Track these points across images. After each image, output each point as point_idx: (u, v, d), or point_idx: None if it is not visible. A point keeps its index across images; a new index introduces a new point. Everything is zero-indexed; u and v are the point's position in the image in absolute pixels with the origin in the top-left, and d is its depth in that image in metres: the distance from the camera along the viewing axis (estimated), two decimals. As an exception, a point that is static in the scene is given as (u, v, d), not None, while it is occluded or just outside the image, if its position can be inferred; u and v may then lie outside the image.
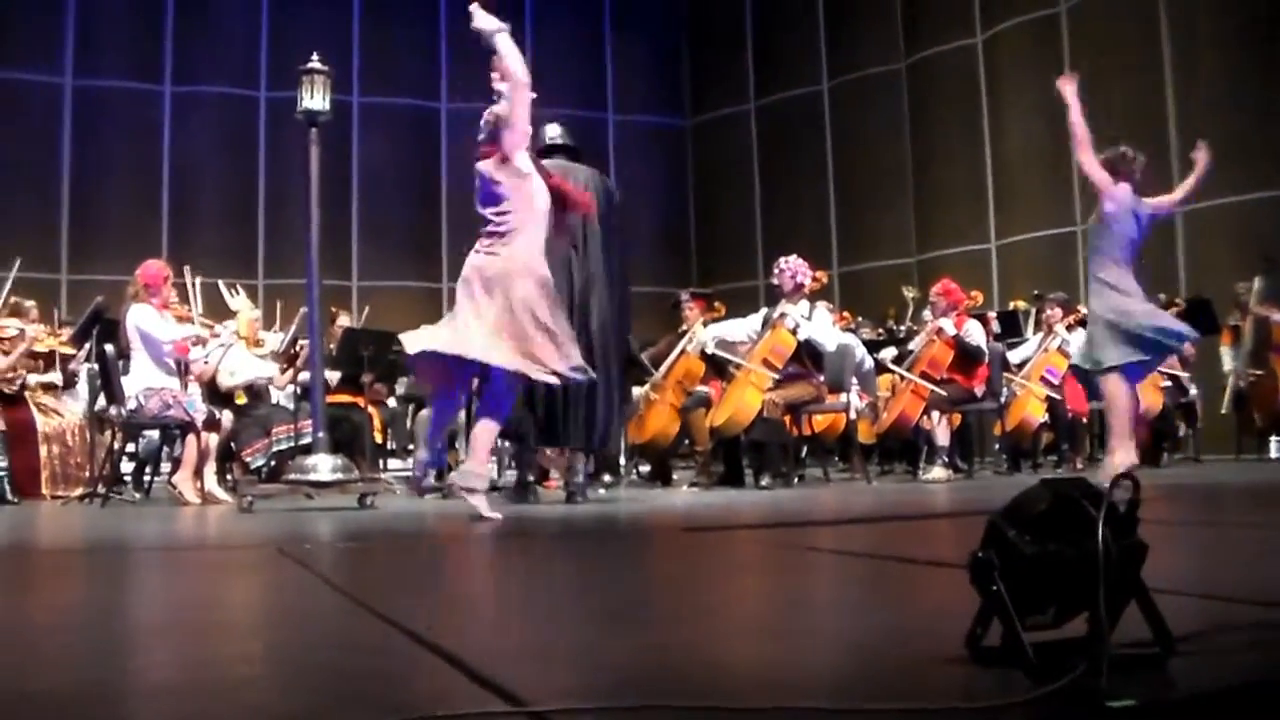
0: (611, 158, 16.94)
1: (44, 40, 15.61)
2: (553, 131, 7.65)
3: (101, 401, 8.83)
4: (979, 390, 9.80)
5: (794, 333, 8.87)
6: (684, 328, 9.89)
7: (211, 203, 15.71)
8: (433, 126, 16.73)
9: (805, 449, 10.20)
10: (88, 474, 8.78)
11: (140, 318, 8.11)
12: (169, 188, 15.72)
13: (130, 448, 9.22)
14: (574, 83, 16.40)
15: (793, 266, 9.17)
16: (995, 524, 1.67)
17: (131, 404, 8.02)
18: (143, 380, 8.05)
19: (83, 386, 9.64)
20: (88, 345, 9.07)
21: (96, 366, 8.61)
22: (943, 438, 9.70)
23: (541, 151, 7.49)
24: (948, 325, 9.70)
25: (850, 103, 16.52)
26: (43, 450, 8.77)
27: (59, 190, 15.34)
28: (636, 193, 7.48)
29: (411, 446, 10.40)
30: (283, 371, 9.43)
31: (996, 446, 11.39)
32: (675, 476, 9.93)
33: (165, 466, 9.43)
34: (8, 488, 8.33)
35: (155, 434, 8.96)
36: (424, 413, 9.78)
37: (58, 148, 15.42)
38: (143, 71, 15.85)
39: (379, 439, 10.21)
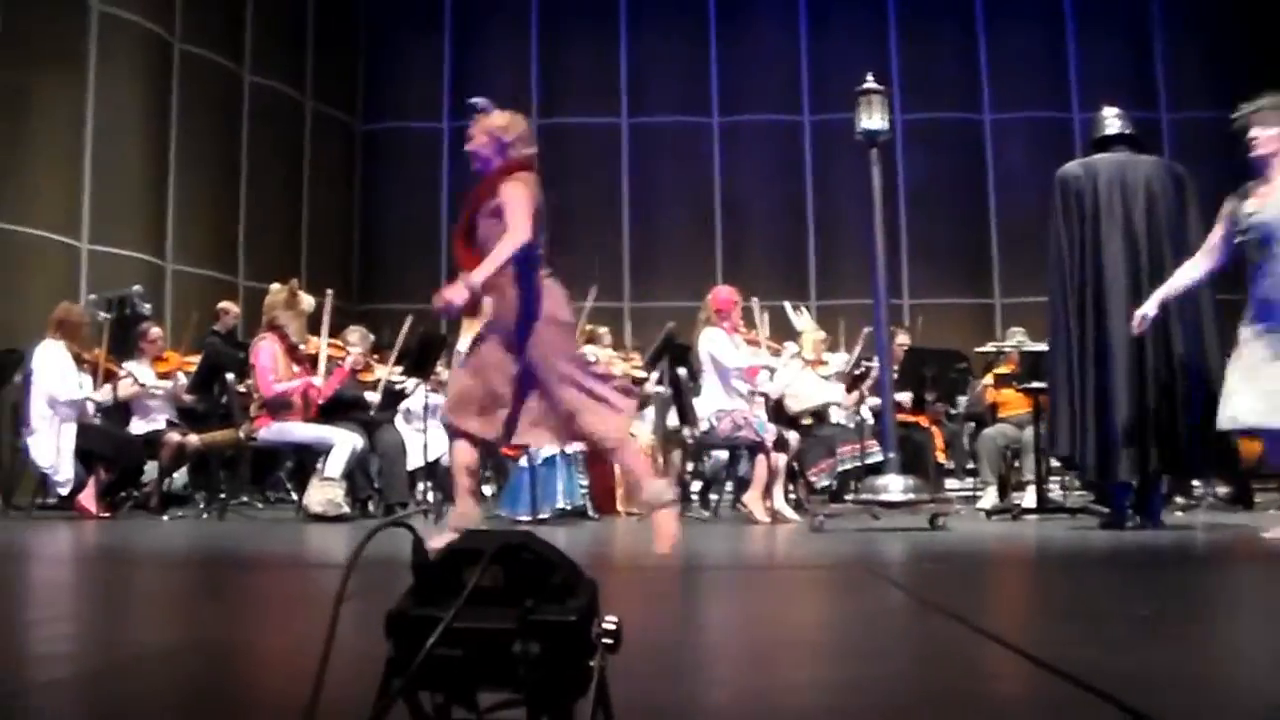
0: (1166, 158, 16.04)
1: (602, 86, 16.58)
2: (1110, 120, 7.13)
3: (672, 421, 9.15)
4: None
5: None
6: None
7: (762, 228, 16.08)
8: (976, 139, 16.43)
9: None
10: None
11: (711, 342, 8.37)
12: (721, 215, 16.25)
13: (689, 466, 9.49)
14: (1122, 81, 15.61)
15: None
16: None
17: (704, 425, 8.28)
18: (714, 402, 8.29)
19: (648, 409, 10.03)
20: (660, 368, 9.42)
21: (669, 389, 8.91)
22: None
23: (1098, 143, 7.13)
24: None
25: None
26: (617, 469, 9.16)
27: (620, 223, 16.20)
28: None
29: (971, 466, 10.22)
30: (847, 392, 9.46)
31: None
32: (1258, 500, 9.23)
33: (727, 486, 9.68)
34: (588, 505, 8.76)
35: (722, 454, 9.19)
36: (986, 432, 9.59)
37: (618, 184, 16.30)
38: (691, 105, 16.51)
39: (940, 458, 10.08)
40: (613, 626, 1.27)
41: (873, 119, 7.37)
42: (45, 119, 12.13)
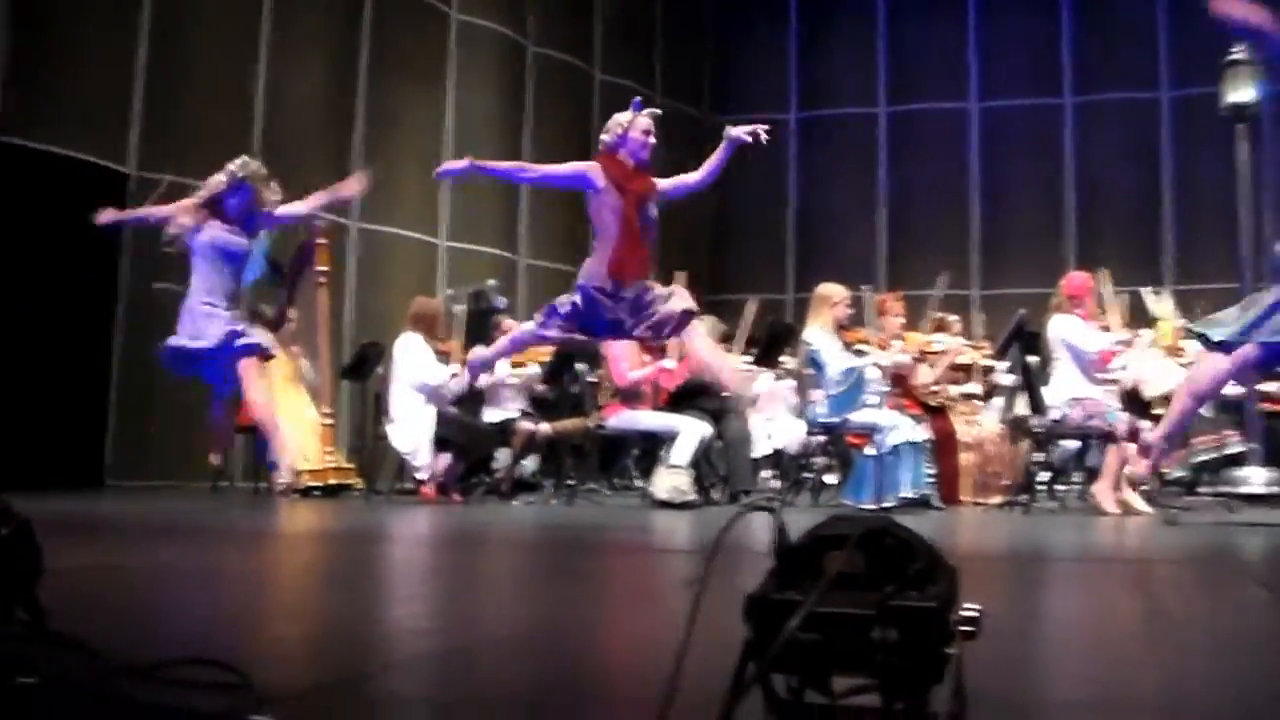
0: None
1: (949, 70, 16.32)
2: None
3: (1019, 410, 8.92)
4: None
5: None
6: None
7: (1114, 211, 15.51)
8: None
9: None
10: (1005, 482, 8.92)
11: (1064, 328, 8.12)
12: (1074, 199, 15.76)
13: (1038, 456, 9.22)
14: None
15: None
16: None
17: (1054, 414, 8.04)
18: (1067, 390, 8.04)
19: (996, 397, 9.80)
20: (1010, 356, 9.20)
21: (1019, 377, 8.69)
22: None
23: None
24: None
25: None
26: (963, 458, 8.99)
27: (968, 210, 15.92)
28: None
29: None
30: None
31: None
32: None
33: (1075, 476, 9.37)
34: (933, 494, 8.62)
35: (1071, 443, 8.90)
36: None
37: (966, 169, 16.01)
38: (1042, 86, 16.05)
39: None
40: (974, 614, 1.26)
41: (1238, 92, 7.02)
42: (409, 127, 12.77)
